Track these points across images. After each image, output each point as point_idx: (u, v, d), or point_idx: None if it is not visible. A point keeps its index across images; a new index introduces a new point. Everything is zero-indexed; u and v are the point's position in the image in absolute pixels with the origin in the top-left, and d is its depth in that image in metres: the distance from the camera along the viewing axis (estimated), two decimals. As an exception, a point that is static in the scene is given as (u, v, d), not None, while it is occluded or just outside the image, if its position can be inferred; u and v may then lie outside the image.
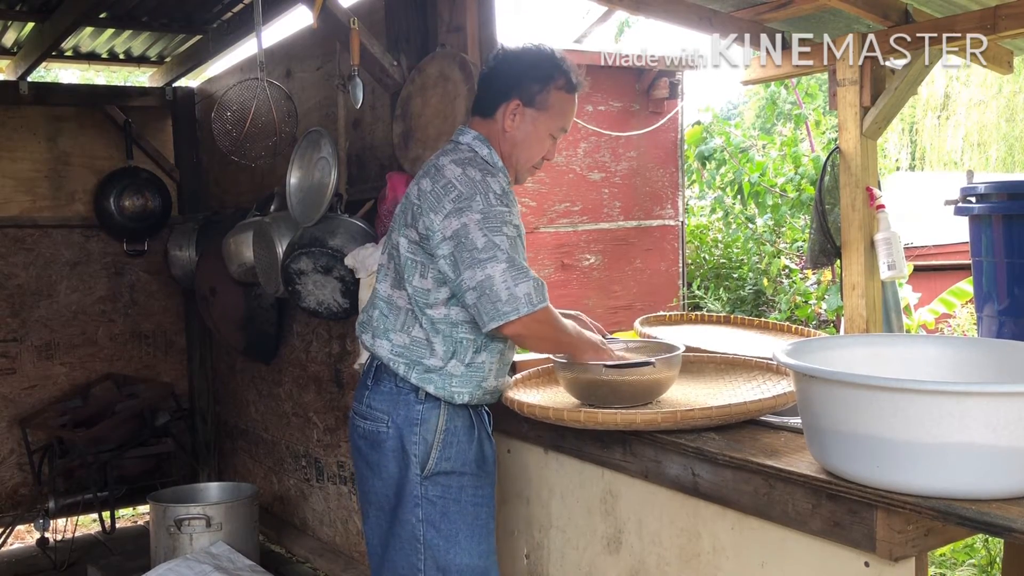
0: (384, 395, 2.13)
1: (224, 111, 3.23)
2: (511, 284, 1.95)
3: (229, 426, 4.97)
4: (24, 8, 4.05)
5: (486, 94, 2.17)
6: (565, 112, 2.16)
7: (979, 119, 13.31)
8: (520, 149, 2.15)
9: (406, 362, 2.10)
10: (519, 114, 2.12)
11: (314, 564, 3.93)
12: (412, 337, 2.10)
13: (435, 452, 2.10)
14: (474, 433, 2.17)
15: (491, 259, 1.96)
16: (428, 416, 2.10)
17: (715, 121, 8.57)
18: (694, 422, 1.96)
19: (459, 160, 2.06)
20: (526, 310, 1.96)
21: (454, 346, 2.09)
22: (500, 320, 1.96)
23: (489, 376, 2.15)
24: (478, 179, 2.02)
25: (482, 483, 2.18)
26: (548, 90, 2.12)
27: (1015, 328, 2.70)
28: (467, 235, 1.97)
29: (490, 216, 1.98)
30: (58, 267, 4.84)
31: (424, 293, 2.07)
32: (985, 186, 2.89)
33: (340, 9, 2.95)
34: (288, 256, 3.14)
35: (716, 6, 3.79)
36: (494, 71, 2.16)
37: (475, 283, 1.96)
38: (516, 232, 2.04)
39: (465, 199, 1.99)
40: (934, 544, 1.66)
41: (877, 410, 1.48)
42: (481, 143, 2.14)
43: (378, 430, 2.13)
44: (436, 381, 2.09)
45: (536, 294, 1.97)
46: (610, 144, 7.15)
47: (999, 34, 3.32)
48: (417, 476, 2.10)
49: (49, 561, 4.21)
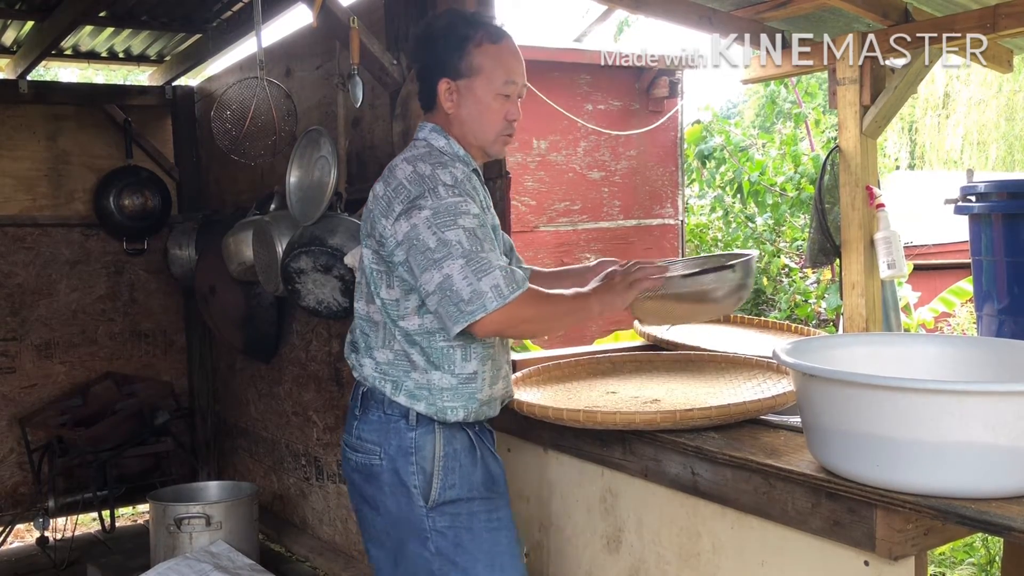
0: (373, 424, 1.97)
1: (224, 110, 3.23)
2: (473, 280, 1.77)
3: (229, 425, 4.97)
4: (24, 7, 4.04)
5: (422, 86, 2.02)
6: (500, 65, 1.95)
7: (979, 118, 13.31)
8: (472, 125, 1.97)
9: (392, 380, 1.95)
10: (453, 91, 1.95)
11: (314, 563, 3.93)
12: (395, 351, 1.95)
13: (437, 480, 1.93)
14: (476, 454, 1.99)
15: (446, 257, 1.78)
16: (422, 442, 1.93)
17: (715, 120, 8.57)
18: (694, 422, 1.96)
19: (412, 157, 1.92)
20: (495, 304, 1.77)
21: (437, 357, 1.92)
22: (465, 320, 1.78)
23: (483, 386, 1.98)
24: (427, 173, 1.86)
25: (495, 505, 2.01)
26: (468, 52, 1.93)
27: (1015, 327, 2.70)
28: (418, 236, 1.81)
29: (440, 211, 1.81)
30: (58, 266, 4.84)
31: (394, 304, 1.92)
32: (985, 185, 2.89)
33: (340, 8, 2.95)
34: (288, 255, 3.14)
35: (716, 5, 3.79)
36: (416, 60, 2.04)
37: (434, 286, 1.80)
38: (476, 222, 1.83)
39: (414, 198, 1.84)
40: (934, 543, 1.66)
41: (877, 409, 1.48)
42: (437, 134, 1.99)
43: (371, 463, 1.96)
44: (426, 397, 1.93)
45: (506, 284, 1.78)
46: (610, 143, 7.15)
47: (999, 33, 3.32)
48: (422, 508, 1.93)
49: (49, 560, 4.21)
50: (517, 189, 6.55)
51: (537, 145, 6.74)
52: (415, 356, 1.93)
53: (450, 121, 1.99)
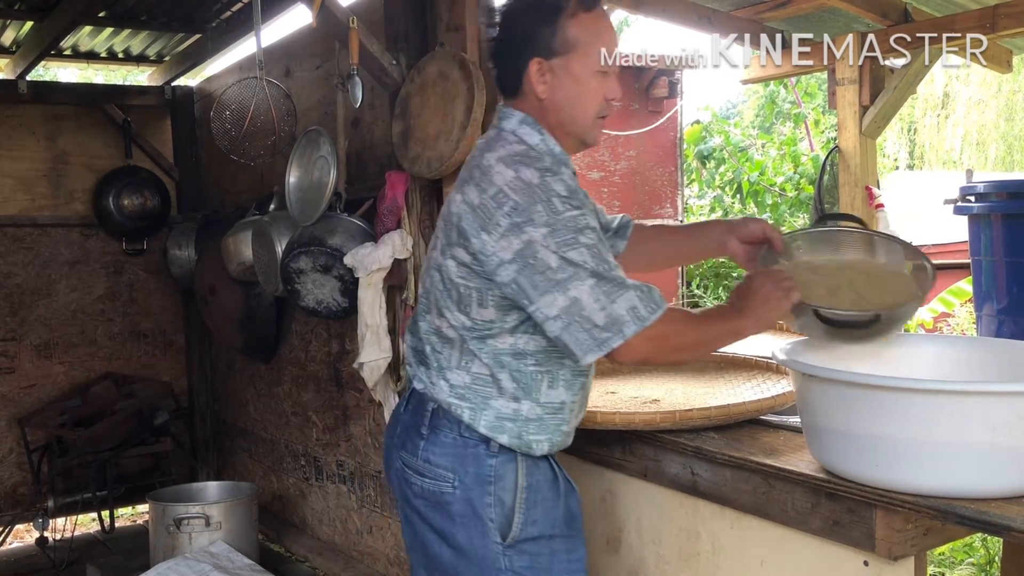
0: (446, 448, 1.73)
1: (223, 110, 3.23)
2: (606, 302, 1.56)
3: (228, 425, 4.97)
4: (23, 7, 4.04)
5: (504, 70, 1.78)
6: (598, 37, 1.72)
7: (978, 118, 13.30)
8: (568, 111, 1.73)
9: (470, 406, 1.72)
10: (546, 72, 1.71)
11: (313, 563, 3.93)
12: (473, 375, 1.72)
13: (518, 515, 1.71)
14: (559, 486, 1.78)
15: (572, 278, 1.56)
16: (503, 472, 1.71)
17: (714, 120, 8.58)
18: (693, 422, 1.96)
19: (509, 158, 1.66)
20: (634, 328, 1.56)
21: (525, 382, 1.70)
22: (601, 349, 1.57)
23: (570, 417, 1.78)
24: (536, 182, 1.61)
25: (575, 545, 1.80)
26: (562, 26, 1.69)
27: (1014, 327, 2.70)
28: (534, 255, 1.57)
29: (559, 227, 1.57)
30: (57, 266, 4.83)
31: (486, 324, 1.69)
32: (984, 185, 2.89)
33: (339, 8, 2.95)
34: (287, 255, 3.14)
35: (715, 5, 3.79)
36: (499, 41, 1.78)
37: (558, 310, 1.57)
38: (596, 237, 1.61)
39: (523, 211, 1.59)
40: (933, 543, 1.66)
41: (876, 409, 1.48)
42: (529, 127, 1.73)
43: (441, 491, 1.72)
44: (510, 429, 1.71)
45: (643, 304, 1.57)
46: (609, 143, 7.14)
47: (998, 33, 3.32)
48: (498, 545, 1.70)
49: (48, 560, 4.21)
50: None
51: (537, 145, 6.74)
52: (504, 381, 1.71)
53: (544, 108, 1.74)
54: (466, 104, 2.66)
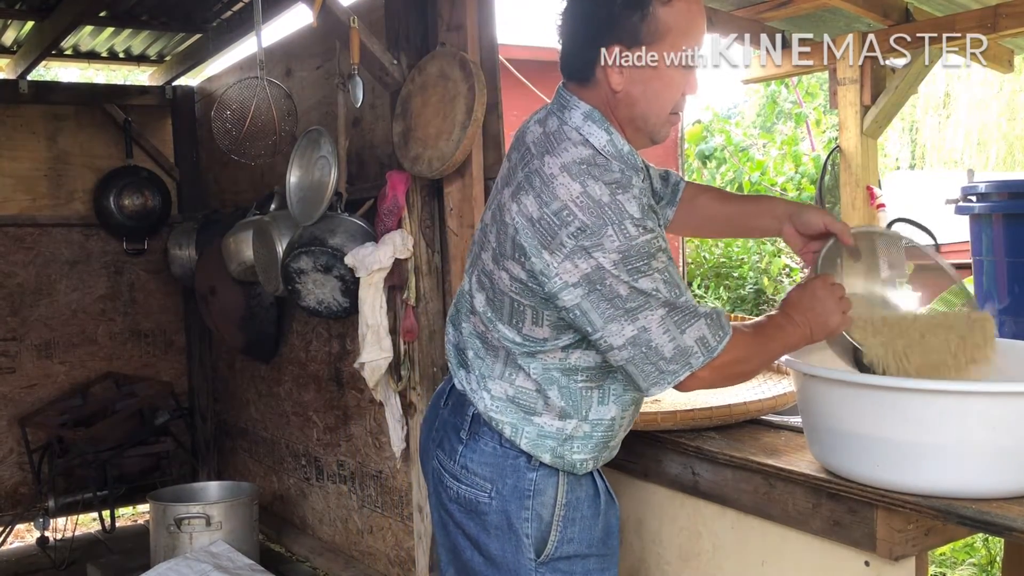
0: (486, 456, 1.64)
1: (224, 110, 3.23)
2: (676, 333, 1.46)
3: (229, 425, 4.97)
4: (23, 7, 4.04)
5: (574, 53, 1.57)
6: (691, 27, 1.53)
7: (980, 118, 13.29)
8: (645, 107, 1.55)
9: (511, 421, 1.62)
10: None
11: (314, 563, 3.93)
12: (517, 388, 1.61)
13: (555, 533, 1.63)
14: (599, 503, 1.70)
15: (643, 307, 1.45)
16: (543, 486, 1.62)
17: (715, 120, 8.58)
18: (694, 422, 1.96)
19: (575, 167, 1.47)
20: (701, 360, 1.48)
21: (574, 399, 1.61)
22: (667, 382, 1.50)
23: (619, 431, 1.70)
24: (606, 202, 1.43)
25: (608, 564, 1.73)
26: (652, 12, 1.48)
27: (1015, 327, 2.70)
28: (603, 281, 1.44)
29: (631, 254, 1.43)
30: (57, 266, 4.83)
31: (536, 340, 1.58)
32: (986, 185, 2.89)
33: (340, 8, 2.94)
34: (288, 255, 3.14)
35: (716, 5, 3.79)
36: (573, 16, 1.56)
37: (624, 340, 1.47)
38: (667, 259, 1.48)
39: (592, 234, 1.43)
40: (934, 543, 1.66)
41: (877, 409, 1.48)
42: (595, 125, 1.53)
43: (478, 499, 1.64)
44: (553, 448, 1.62)
45: (712, 334, 1.48)
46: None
47: (999, 33, 3.32)
48: (531, 562, 1.63)
49: (49, 560, 4.21)
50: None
51: (537, 145, 6.73)
52: (551, 394, 1.60)
53: (616, 101, 1.55)
54: (467, 104, 2.66)
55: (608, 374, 1.62)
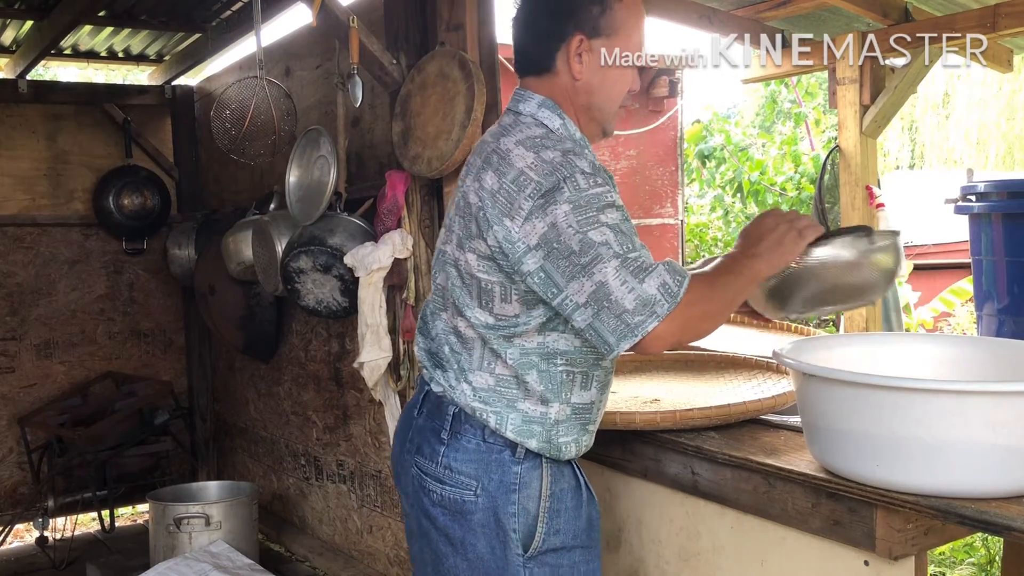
0: (469, 454, 1.64)
1: (223, 109, 3.23)
2: (634, 283, 1.46)
3: (228, 425, 4.97)
4: (23, 6, 4.04)
5: (533, 43, 1.67)
6: (638, 23, 1.66)
7: (979, 117, 13.30)
8: (601, 95, 1.66)
9: (495, 410, 1.63)
10: (586, 52, 1.62)
11: (313, 563, 3.93)
12: (497, 376, 1.63)
13: (541, 525, 1.64)
14: (581, 495, 1.72)
15: (596, 260, 1.47)
16: (529, 479, 1.64)
17: (715, 119, 8.57)
18: (694, 422, 1.96)
19: (528, 141, 1.57)
20: (667, 306, 1.46)
21: (554, 383, 1.62)
22: (635, 335, 1.47)
23: (597, 416, 1.73)
24: (559, 161, 1.52)
25: (592, 556, 1.74)
26: (610, 6, 1.62)
27: (1015, 326, 2.70)
28: (558, 238, 1.49)
29: (582, 204, 1.49)
30: (57, 265, 4.83)
31: (511, 320, 1.59)
32: (985, 184, 2.90)
33: (339, 7, 2.94)
34: (287, 255, 3.14)
35: (716, 4, 3.79)
36: (534, 9, 1.68)
37: (586, 296, 1.48)
38: (620, 215, 1.52)
39: (547, 191, 1.50)
40: (934, 543, 1.66)
41: (877, 409, 1.48)
42: (549, 111, 1.64)
43: (463, 499, 1.64)
44: (539, 433, 1.63)
45: (672, 279, 1.47)
46: (610, 143, 7.13)
47: (999, 33, 3.32)
48: (519, 558, 1.63)
49: (48, 560, 4.21)
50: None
51: (537, 144, 6.73)
52: (531, 382, 1.62)
53: (575, 89, 1.65)
54: (466, 103, 2.66)
55: (591, 359, 1.65)
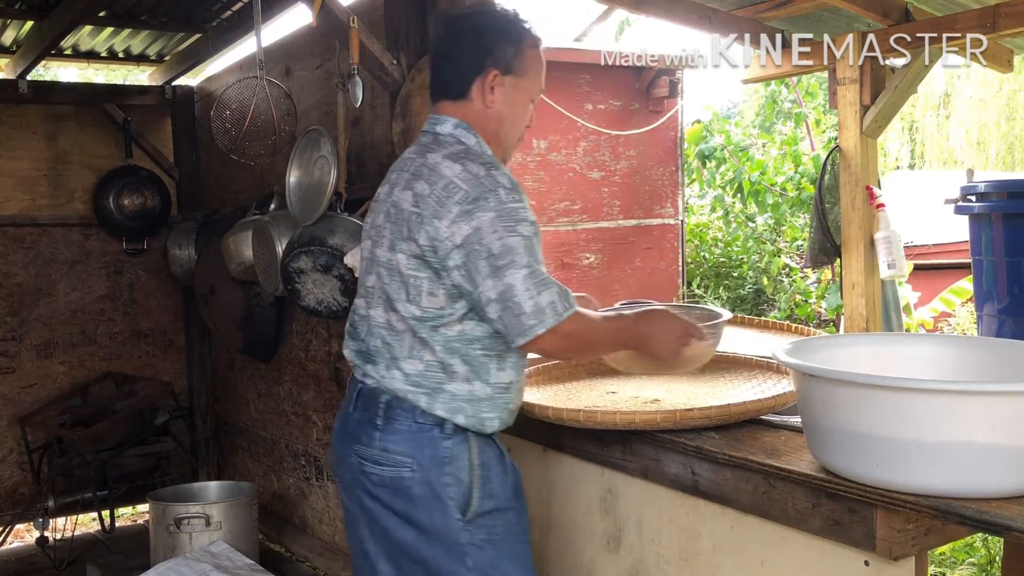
0: (403, 435, 1.85)
1: (223, 109, 3.23)
2: (534, 293, 1.72)
3: (228, 425, 4.97)
4: (23, 6, 4.04)
5: (453, 72, 1.91)
6: (540, 71, 1.95)
7: (979, 117, 13.30)
8: (507, 124, 1.92)
9: (427, 392, 1.84)
10: (498, 85, 1.88)
11: (313, 563, 3.93)
12: (427, 362, 1.84)
13: (476, 491, 1.85)
14: (505, 461, 1.94)
15: (509, 265, 1.72)
16: (458, 452, 1.84)
17: (715, 119, 8.56)
18: (694, 422, 1.96)
19: (453, 155, 1.82)
20: (552, 321, 1.73)
21: (475, 366, 1.84)
22: (527, 336, 1.74)
23: (516, 396, 1.94)
24: (483, 174, 1.77)
25: (522, 516, 1.96)
26: (523, 51, 1.90)
27: (1015, 327, 2.70)
28: (480, 240, 1.73)
29: (504, 214, 1.74)
30: (57, 266, 4.84)
31: (436, 312, 1.82)
32: (985, 185, 2.90)
33: (339, 8, 2.95)
34: (287, 255, 3.13)
35: (716, 4, 3.78)
36: (457, 44, 1.91)
37: (496, 294, 1.73)
38: (532, 230, 1.78)
39: (474, 199, 1.75)
40: (934, 543, 1.66)
41: (877, 409, 1.48)
42: (465, 131, 1.89)
43: (401, 476, 1.84)
44: (465, 409, 1.84)
45: (560, 301, 1.75)
46: (610, 143, 7.14)
47: (999, 33, 3.32)
48: (458, 522, 1.83)
49: (48, 560, 4.21)
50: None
51: (537, 145, 6.74)
52: (456, 366, 1.84)
53: (486, 116, 1.91)
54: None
55: (501, 343, 1.85)
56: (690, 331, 1.91)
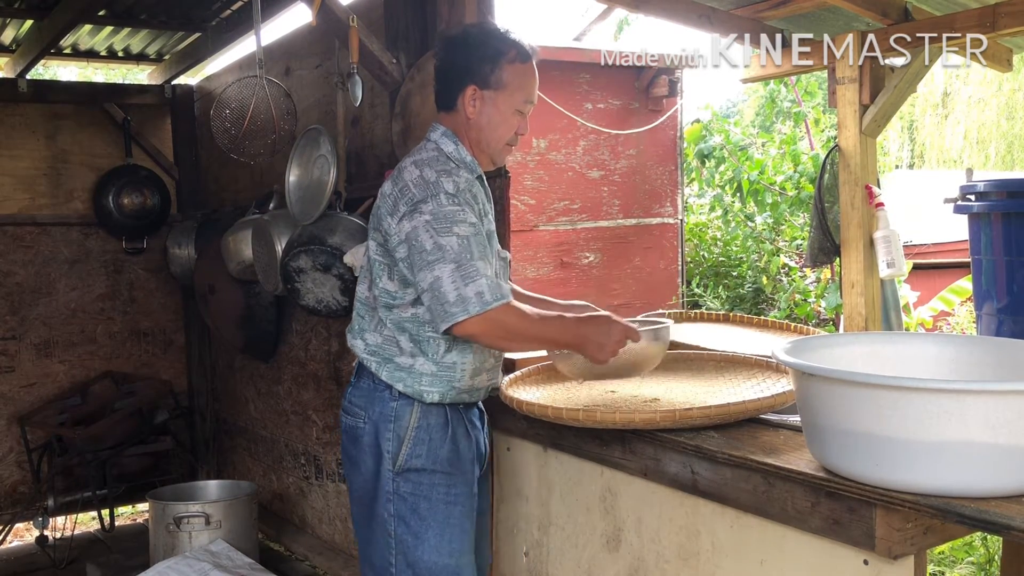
0: (362, 391, 2.16)
1: (223, 109, 3.23)
2: (460, 285, 1.93)
3: (228, 424, 4.97)
4: (23, 5, 4.04)
5: (443, 87, 2.15)
6: (525, 84, 2.12)
7: (979, 117, 13.30)
8: (487, 133, 2.12)
9: (378, 360, 2.13)
10: (478, 99, 2.09)
11: (313, 562, 3.93)
12: (384, 336, 2.12)
13: (406, 448, 2.11)
14: (447, 431, 2.14)
15: (438, 260, 1.94)
16: (401, 413, 2.11)
17: (714, 119, 8.55)
18: (693, 421, 1.96)
19: (420, 161, 2.06)
20: (476, 309, 1.92)
21: (421, 345, 2.09)
22: (449, 321, 1.94)
23: (464, 376, 2.13)
24: (432, 180, 2.01)
25: (455, 482, 2.16)
26: (500, 67, 2.08)
27: (1014, 326, 2.70)
28: (417, 238, 1.97)
29: (439, 217, 1.97)
30: (57, 265, 4.84)
31: (390, 294, 2.09)
32: (984, 184, 2.89)
33: (339, 7, 2.95)
34: (287, 254, 3.14)
35: (715, 4, 3.78)
36: (444, 62, 2.14)
37: (427, 285, 1.97)
38: (472, 231, 1.99)
39: (417, 201, 1.99)
40: (933, 542, 1.66)
41: (876, 408, 1.48)
42: (448, 139, 2.13)
43: (356, 425, 2.16)
44: (405, 379, 2.10)
45: (490, 292, 1.93)
46: (609, 142, 7.13)
47: (999, 32, 3.31)
48: (389, 472, 2.12)
49: (48, 559, 4.21)
50: (516, 188, 6.54)
51: (536, 144, 6.73)
52: (403, 342, 2.10)
53: (468, 125, 2.12)
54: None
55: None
56: (628, 334, 2.04)
